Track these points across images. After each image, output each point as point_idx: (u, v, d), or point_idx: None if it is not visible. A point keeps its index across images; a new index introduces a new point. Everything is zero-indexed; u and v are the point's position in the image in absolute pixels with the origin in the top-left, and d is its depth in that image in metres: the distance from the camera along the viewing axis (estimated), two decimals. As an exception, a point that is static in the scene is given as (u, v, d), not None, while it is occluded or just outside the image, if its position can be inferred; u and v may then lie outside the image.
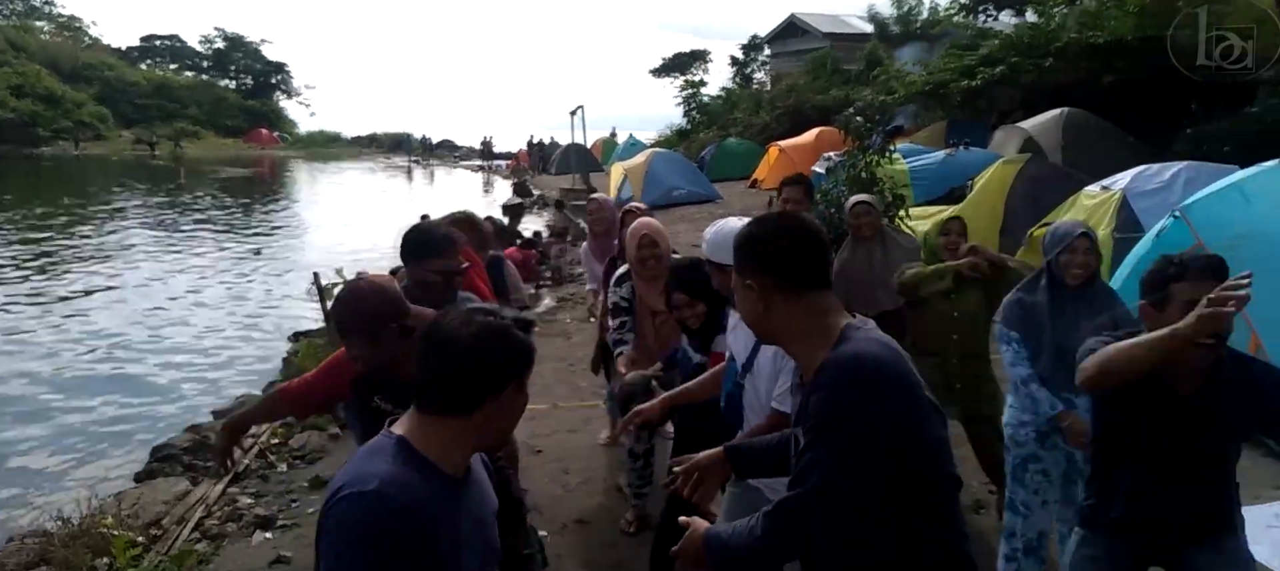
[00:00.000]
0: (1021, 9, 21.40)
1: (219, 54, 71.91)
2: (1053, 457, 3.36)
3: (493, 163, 44.95)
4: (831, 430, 1.59)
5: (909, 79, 19.26)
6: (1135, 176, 7.67)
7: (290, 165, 51.22)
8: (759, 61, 43.08)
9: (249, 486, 5.41)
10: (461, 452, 1.62)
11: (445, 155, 57.37)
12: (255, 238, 20.28)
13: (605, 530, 4.49)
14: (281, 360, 8.98)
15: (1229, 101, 12.65)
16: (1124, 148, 12.38)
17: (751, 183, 21.12)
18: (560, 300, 10.77)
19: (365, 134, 73.69)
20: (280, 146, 64.68)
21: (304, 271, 11.97)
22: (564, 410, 6.44)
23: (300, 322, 10.77)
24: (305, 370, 7.18)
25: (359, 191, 34.19)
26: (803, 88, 28.58)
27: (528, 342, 1.64)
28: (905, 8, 32.87)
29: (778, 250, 1.78)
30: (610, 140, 37.00)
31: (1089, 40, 15.05)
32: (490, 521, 1.74)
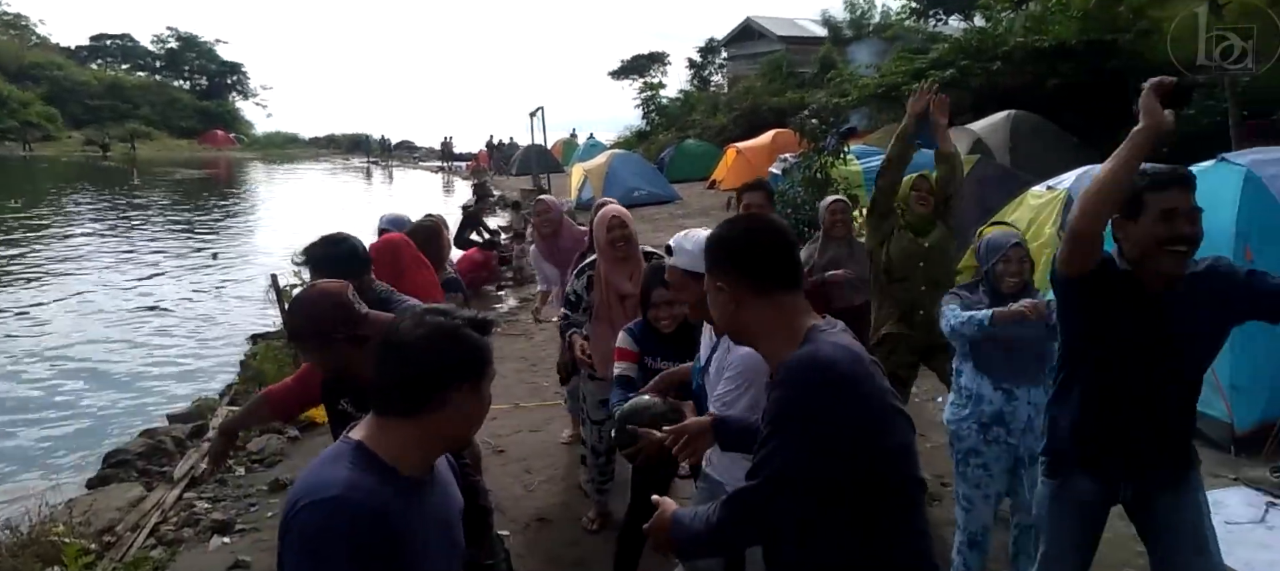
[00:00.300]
0: (969, 13, 21.85)
1: (172, 54, 70.49)
2: (994, 452, 3.40)
3: (452, 164, 44.62)
4: (785, 425, 1.65)
5: (862, 82, 19.58)
6: (1079, 176, 7.90)
7: (247, 167, 50.36)
8: (716, 64, 43.43)
9: (206, 490, 5.38)
10: (420, 454, 1.62)
11: (405, 156, 56.84)
12: (212, 240, 19.95)
13: (567, 528, 4.55)
14: (239, 363, 8.90)
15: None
16: (1068, 148, 12.74)
17: (710, 183, 21.33)
18: (521, 300, 10.80)
19: (323, 135, 72.79)
20: (236, 147, 63.61)
21: (262, 273, 11.85)
22: (526, 410, 6.49)
23: (258, 325, 10.66)
24: (264, 373, 7.24)
25: (317, 193, 33.73)
26: (759, 90, 28.91)
27: (481, 343, 1.63)
28: (857, 11, 33.44)
29: (747, 251, 1.84)
30: (571, 141, 37.05)
31: (1034, 44, 15.46)
32: (455, 522, 1.75)
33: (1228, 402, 4.92)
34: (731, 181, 19.36)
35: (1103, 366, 2.49)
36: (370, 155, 55.25)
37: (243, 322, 11.25)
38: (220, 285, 14.22)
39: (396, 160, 54.36)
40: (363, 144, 59.41)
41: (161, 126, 60.04)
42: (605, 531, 4.41)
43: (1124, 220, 2.40)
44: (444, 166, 44.77)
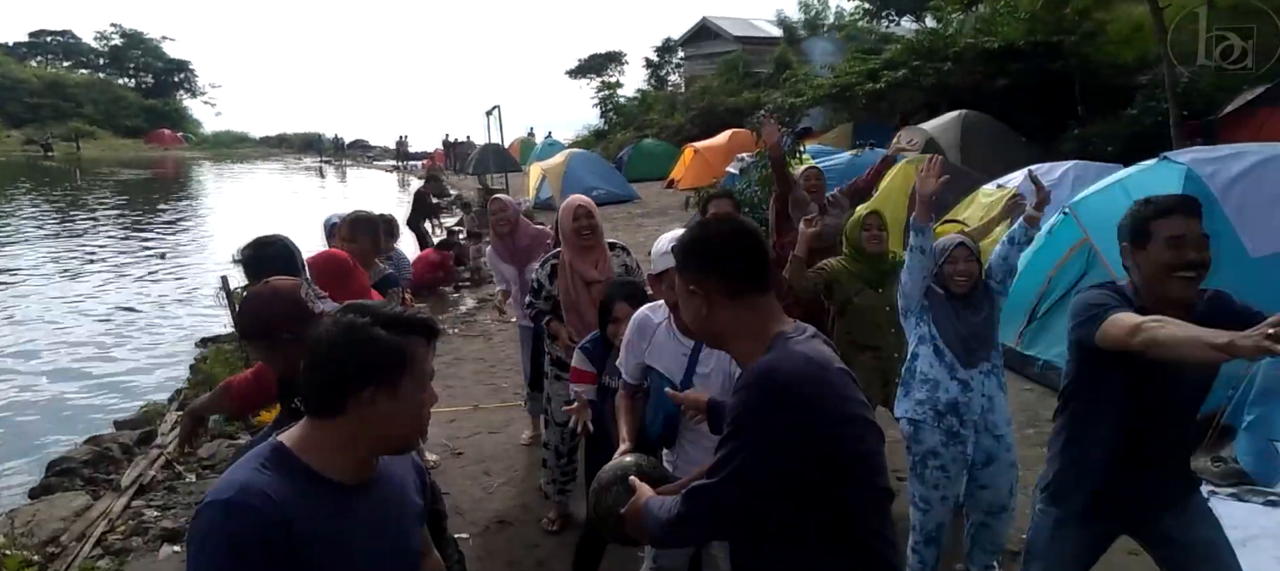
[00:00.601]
0: (920, 15, 22.23)
1: (116, 51, 68.67)
2: (951, 454, 3.45)
3: (407, 163, 44.15)
4: (743, 429, 1.68)
5: (816, 82, 19.82)
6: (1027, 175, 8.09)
7: (195, 166, 49.27)
8: (673, 63, 43.57)
9: (155, 498, 5.25)
10: (346, 457, 1.57)
11: (358, 155, 56.11)
12: (159, 241, 19.48)
13: (527, 529, 4.54)
14: (188, 367, 8.70)
15: (1110, 104, 13.47)
16: (1017, 147, 13.03)
17: (668, 183, 21.42)
18: (480, 301, 10.72)
19: (274, 134, 71.62)
20: (184, 147, 62.22)
21: (211, 275, 11.59)
22: (485, 411, 6.45)
23: (208, 327, 10.44)
24: (215, 377, 7.07)
25: (269, 193, 33.13)
26: (715, 90, 29.10)
27: (393, 344, 1.54)
28: (812, 12, 33.84)
29: (720, 254, 1.84)
30: (528, 140, 36.89)
31: (984, 45, 15.79)
32: (405, 529, 1.70)
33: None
34: (689, 181, 19.47)
35: (1118, 411, 2.45)
36: (323, 154, 54.44)
37: (192, 325, 11.00)
38: (168, 287, 13.88)
39: (350, 160, 53.67)
40: (315, 143, 58.50)
41: (105, 125, 58.42)
42: (566, 532, 4.41)
43: (1133, 248, 2.43)
44: (399, 166, 44.30)
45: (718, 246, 1.86)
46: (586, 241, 4.08)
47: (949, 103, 15.31)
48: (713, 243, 1.87)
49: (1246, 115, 10.65)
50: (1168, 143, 10.20)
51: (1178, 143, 10.14)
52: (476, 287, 11.65)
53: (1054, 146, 13.14)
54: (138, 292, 13.53)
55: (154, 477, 5.50)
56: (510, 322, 9.24)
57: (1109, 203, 6.16)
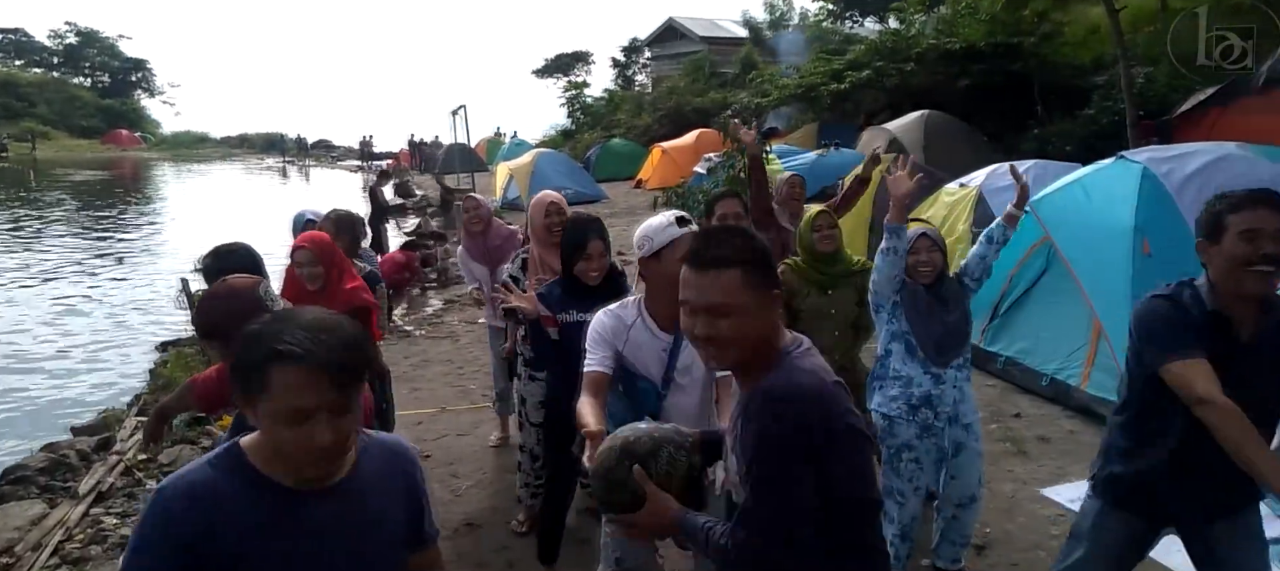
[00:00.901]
0: (884, 16, 22.48)
1: (71, 50, 67.09)
2: (925, 446, 3.51)
3: (372, 163, 43.73)
4: (786, 462, 1.64)
5: (782, 82, 19.95)
6: (989, 174, 8.22)
7: (154, 167, 48.31)
8: (639, 64, 43.62)
9: (114, 505, 5.14)
10: (282, 463, 1.53)
11: (322, 155, 55.42)
12: (117, 244, 19.08)
13: (496, 531, 4.51)
14: (148, 372, 8.53)
15: (1068, 104, 13.73)
16: (978, 147, 13.24)
17: (636, 183, 21.42)
18: (447, 302, 10.63)
19: (235, 134, 70.59)
20: (142, 147, 60.98)
21: (171, 278, 11.38)
22: (452, 413, 6.40)
23: (169, 331, 10.25)
24: (175, 380, 6.95)
25: (230, 193, 32.60)
26: (682, 90, 29.16)
27: (250, 361, 1.45)
28: (777, 13, 34.09)
29: (771, 263, 1.78)
30: (495, 140, 36.68)
31: (945, 46, 16.00)
32: (363, 542, 1.62)
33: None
34: (657, 181, 19.49)
35: (1180, 421, 2.36)
36: (286, 155, 53.69)
37: (152, 329, 10.79)
38: (127, 291, 13.61)
39: (313, 160, 52.99)
40: (278, 143, 57.67)
41: (60, 126, 57.02)
42: (534, 533, 4.39)
43: (1207, 244, 2.35)
44: (363, 166, 43.87)
45: (768, 253, 1.80)
46: (557, 237, 4.05)
47: (912, 103, 15.49)
48: (766, 251, 1.81)
49: (1198, 115, 10.91)
50: (1124, 142, 10.42)
51: (1134, 142, 10.37)
52: (443, 288, 11.57)
53: (1014, 146, 13.37)
54: (95, 296, 13.25)
55: (113, 484, 5.38)
56: (477, 323, 9.20)
57: (1068, 201, 6.29)
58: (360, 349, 1.52)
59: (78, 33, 67.24)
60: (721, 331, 1.72)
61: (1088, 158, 8.71)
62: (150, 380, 8.06)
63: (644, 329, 2.68)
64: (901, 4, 18.43)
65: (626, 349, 2.66)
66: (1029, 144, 13.05)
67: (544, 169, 19.22)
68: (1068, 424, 5.43)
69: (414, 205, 22.46)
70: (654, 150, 21.90)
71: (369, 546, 1.63)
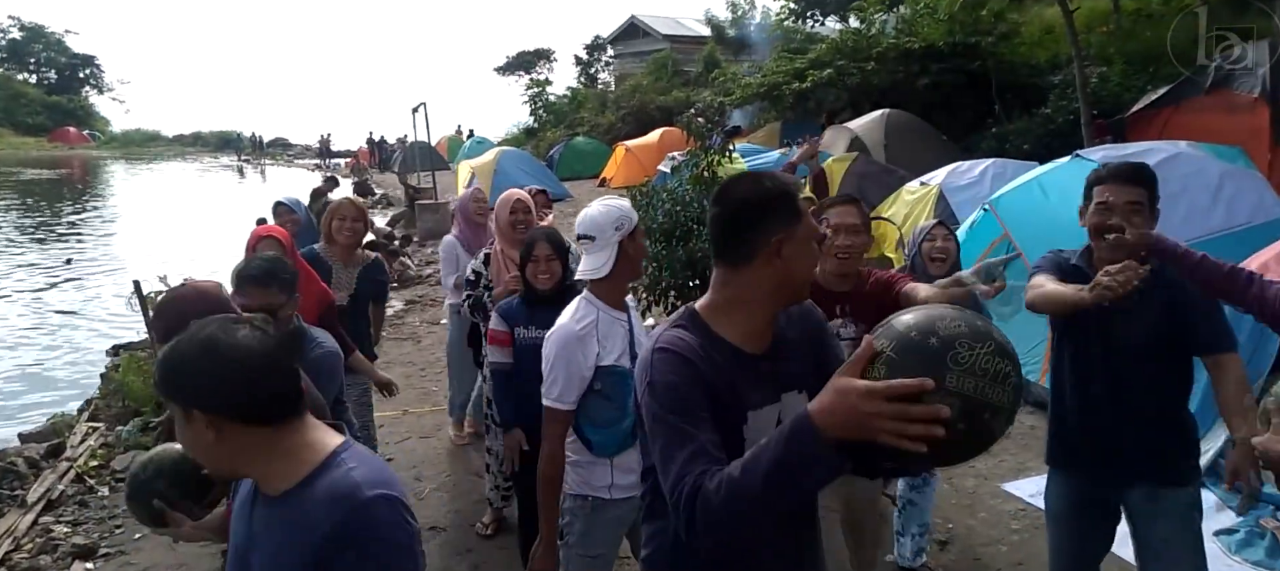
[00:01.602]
0: (845, 15, 22.70)
1: (15, 45, 65.37)
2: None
3: (330, 161, 43.14)
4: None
5: (744, 81, 20.03)
6: (950, 173, 8.33)
7: (105, 166, 47.16)
8: (603, 61, 43.53)
9: (66, 513, 5.00)
10: (247, 472, 1.58)
11: (279, 154, 54.54)
12: (66, 245, 18.57)
13: (461, 535, 4.47)
14: (99, 375, 8.31)
15: (1025, 104, 13.98)
16: (938, 146, 13.40)
17: (600, 181, 21.37)
18: (408, 302, 10.50)
19: (189, 132, 69.20)
20: (92, 145, 59.55)
21: (123, 279, 11.12)
22: (414, 415, 6.33)
23: (120, 335, 9.99)
24: (128, 386, 6.78)
25: (183, 193, 31.94)
26: (646, 88, 29.16)
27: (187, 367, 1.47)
28: (739, 12, 34.26)
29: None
30: (456, 138, 36.36)
31: (906, 46, 16.17)
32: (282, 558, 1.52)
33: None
34: (621, 179, 19.46)
35: (1063, 361, 2.70)
36: (241, 153, 52.78)
37: (103, 332, 10.52)
38: (78, 294, 13.25)
39: (269, 158, 52.15)
40: (233, 142, 56.70)
41: (5, 123, 55.59)
42: (500, 536, 4.37)
43: (1082, 211, 2.61)
44: (321, 164, 43.26)
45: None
46: (521, 234, 4.20)
47: (873, 102, 15.63)
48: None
49: (1151, 114, 11.16)
50: (1080, 141, 10.64)
51: (1089, 141, 10.58)
52: (404, 288, 11.43)
53: (974, 144, 13.56)
54: (44, 298, 12.89)
55: (63, 492, 5.24)
56: (439, 324, 9.10)
57: (1026, 198, 6.39)
58: (176, 368, 1.48)
59: (22, 27, 65.58)
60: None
61: (1045, 156, 8.86)
62: (102, 384, 7.85)
63: (609, 318, 2.70)
64: (862, 3, 18.60)
65: (603, 351, 2.65)
66: (988, 142, 13.25)
67: (507, 167, 19.10)
68: (1028, 419, 5.52)
69: (372, 205, 22.17)
70: (618, 148, 21.88)
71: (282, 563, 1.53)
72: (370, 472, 1.53)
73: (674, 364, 1.62)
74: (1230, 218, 5.66)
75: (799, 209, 1.70)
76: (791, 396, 1.77)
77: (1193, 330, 2.49)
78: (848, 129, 14.32)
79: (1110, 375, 2.56)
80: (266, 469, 1.52)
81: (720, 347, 1.69)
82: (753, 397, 1.70)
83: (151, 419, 6.17)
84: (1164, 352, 2.53)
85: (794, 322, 1.85)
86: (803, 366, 1.81)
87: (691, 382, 1.60)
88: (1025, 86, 14.56)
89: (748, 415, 1.69)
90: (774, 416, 1.72)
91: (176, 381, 1.48)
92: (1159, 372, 2.56)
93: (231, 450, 1.49)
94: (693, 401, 1.59)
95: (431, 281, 11.70)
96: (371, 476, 1.52)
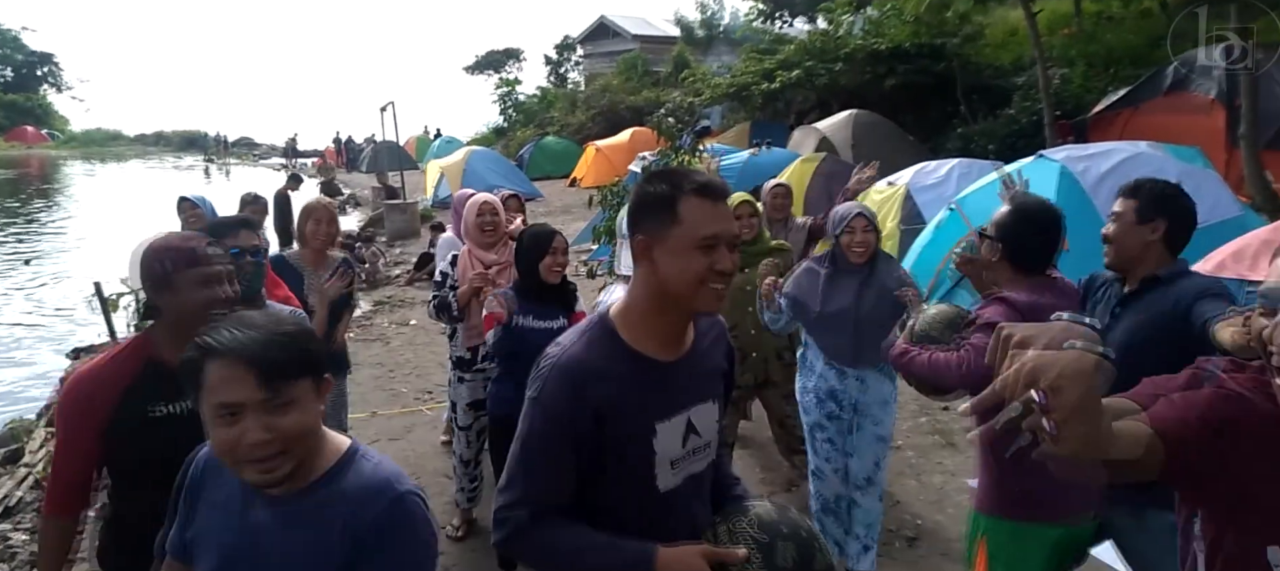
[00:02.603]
0: (813, 16, 22.85)
1: (-32, 43, 63.74)
2: (835, 427, 3.65)
3: (297, 161, 42.59)
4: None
5: (714, 81, 20.10)
6: (916, 173, 8.43)
7: (64, 166, 46.16)
8: (572, 61, 43.45)
9: (23, 521, 4.90)
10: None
11: (244, 153, 53.77)
12: (24, 246, 18.17)
13: (430, 535, 4.44)
14: (59, 379, 8.13)
15: (990, 104, 14.17)
16: (905, 146, 13.54)
17: (571, 181, 21.34)
18: (376, 304, 10.41)
19: (151, 131, 68.00)
20: (50, 144, 58.28)
21: (84, 281, 10.89)
22: (383, 417, 6.27)
23: (81, 337, 9.80)
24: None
25: (145, 193, 31.34)
26: (616, 88, 29.13)
27: (185, 364, 1.46)
28: (708, 12, 34.37)
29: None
30: (425, 137, 36.09)
31: (873, 47, 16.31)
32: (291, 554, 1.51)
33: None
34: (592, 179, 19.44)
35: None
36: (207, 153, 51.97)
37: (63, 335, 10.30)
38: (37, 297, 12.96)
39: (235, 158, 51.42)
40: (198, 141, 55.80)
41: (-42, 122, 54.27)
42: (470, 538, 4.35)
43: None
44: (287, 164, 42.73)
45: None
46: (489, 237, 4.25)
47: (841, 103, 15.76)
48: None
49: (1111, 116, 11.38)
50: (1043, 141, 10.82)
51: (1052, 141, 10.77)
52: (372, 290, 11.33)
53: (940, 144, 13.72)
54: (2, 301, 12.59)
55: (21, 499, 5.13)
56: (409, 325, 9.04)
57: (991, 198, 6.45)
58: (295, 345, 1.46)
59: (-24, 25, 64.02)
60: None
61: (1009, 156, 9.00)
62: (61, 388, 7.68)
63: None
64: (830, 5, 18.73)
65: None
66: (953, 142, 13.41)
67: (476, 167, 19.01)
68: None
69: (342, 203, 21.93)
70: (589, 148, 21.85)
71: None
72: (395, 469, 1.56)
73: (562, 394, 1.60)
74: (1188, 216, 5.78)
75: (676, 214, 1.60)
76: (703, 407, 1.75)
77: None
78: (816, 129, 14.42)
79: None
80: (311, 453, 1.51)
81: (626, 358, 1.66)
82: (660, 409, 1.67)
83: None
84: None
85: (707, 332, 1.81)
86: (712, 378, 1.79)
87: (568, 424, 1.60)
88: (990, 87, 14.77)
89: (656, 427, 1.66)
90: (682, 426, 1.70)
91: (306, 356, 1.48)
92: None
93: (317, 422, 1.52)
94: (565, 444, 1.62)
95: (400, 282, 11.61)
96: (399, 473, 1.55)
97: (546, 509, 1.62)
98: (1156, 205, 2.58)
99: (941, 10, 14.10)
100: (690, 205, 1.60)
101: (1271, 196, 8.31)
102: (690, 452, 1.73)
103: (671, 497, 1.71)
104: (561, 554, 1.61)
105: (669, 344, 1.70)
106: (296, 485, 1.50)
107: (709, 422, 1.76)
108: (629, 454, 1.64)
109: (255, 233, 2.96)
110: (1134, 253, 2.60)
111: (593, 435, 1.60)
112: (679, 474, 1.71)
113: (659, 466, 1.67)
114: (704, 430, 1.75)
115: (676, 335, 1.71)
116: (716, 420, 1.79)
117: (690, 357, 1.73)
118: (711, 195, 1.62)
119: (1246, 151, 8.59)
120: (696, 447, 1.74)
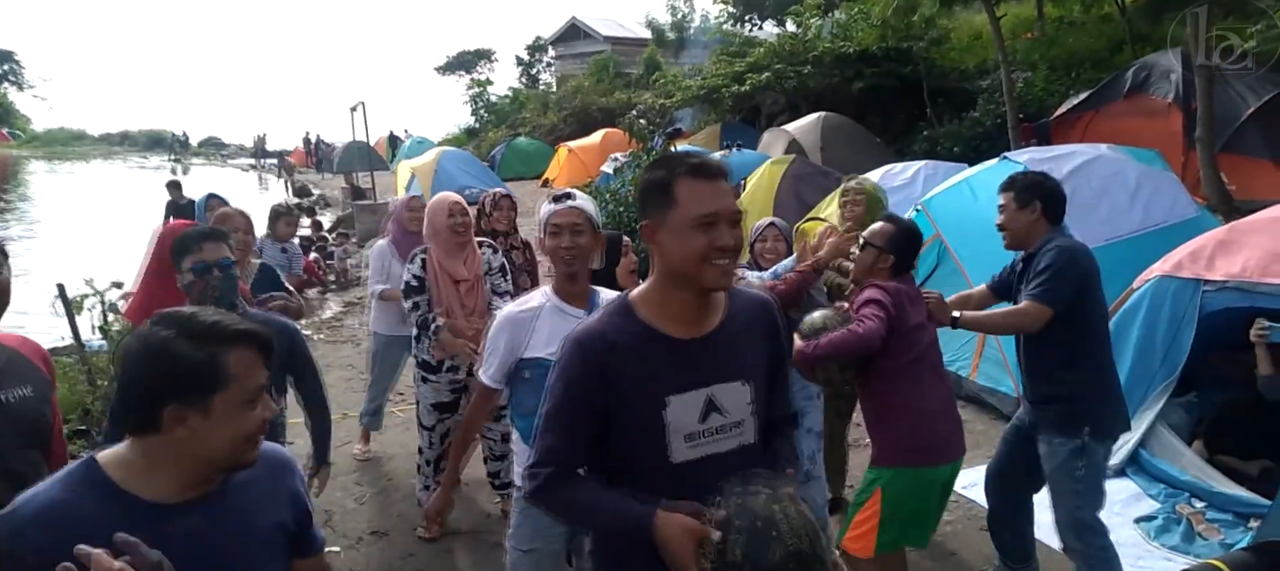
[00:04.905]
0: (782, 19, 23.03)
1: (-77, 39, 62.26)
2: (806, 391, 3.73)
3: (265, 161, 42.14)
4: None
5: (685, 83, 20.19)
6: (883, 175, 8.53)
7: (26, 166, 45.24)
8: (544, 63, 43.36)
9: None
10: (163, 476, 1.47)
11: (212, 154, 53.09)
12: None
13: (403, 538, 4.44)
14: (21, 386, 7.99)
15: (955, 107, 14.39)
16: (872, 148, 13.70)
17: (543, 182, 21.32)
18: (347, 305, 10.35)
19: (116, 131, 66.87)
20: (11, 144, 57.11)
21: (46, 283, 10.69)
22: (354, 419, 6.23)
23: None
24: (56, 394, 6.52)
25: (112, 194, 30.82)
26: (587, 89, 29.14)
27: (199, 358, 1.43)
28: (679, 15, 34.49)
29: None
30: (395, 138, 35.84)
31: (841, 50, 16.48)
32: (241, 550, 1.56)
33: (1015, 379, 5.48)
34: (564, 180, 19.44)
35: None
36: (172, 153, 51.21)
37: (25, 339, 10.09)
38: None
39: (202, 158, 50.75)
40: (164, 141, 54.97)
41: (-86, 121, 53.01)
42: (442, 538, 4.36)
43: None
44: (256, 164, 42.26)
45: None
46: (461, 239, 4.06)
47: (810, 105, 15.90)
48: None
49: (1073, 118, 11.61)
50: (1007, 143, 11.01)
51: (1016, 143, 10.96)
52: (343, 291, 11.26)
53: (906, 147, 13.90)
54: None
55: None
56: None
57: (957, 199, 6.59)
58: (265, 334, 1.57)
59: (-67, 21, 62.61)
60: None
61: (974, 158, 9.14)
62: (24, 393, 7.56)
63: (554, 312, 2.65)
64: (798, 8, 18.89)
65: (531, 343, 2.64)
66: (919, 145, 13.59)
67: (448, 168, 18.91)
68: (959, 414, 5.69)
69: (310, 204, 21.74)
70: (560, 149, 21.86)
71: (245, 552, 1.57)
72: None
73: (578, 361, 1.76)
74: (1147, 217, 5.94)
75: (673, 196, 1.71)
76: (728, 387, 1.79)
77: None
78: (785, 131, 14.55)
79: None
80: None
81: (640, 332, 1.76)
82: (674, 383, 1.75)
83: (78, 427, 5.97)
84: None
85: (745, 313, 1.86)
86: (746, 359, 1.83)
87: (585, 389, 1.75)
88: (955, 91, 14.98)
89: (667, 400, 1.74)
90: (700, 401, 1.76)
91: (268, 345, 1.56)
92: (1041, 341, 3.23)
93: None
94: (580, 409, 1.77)
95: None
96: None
97: (568, 466, 1.81)
98: (1030, 191, 3.17)
99: (908, 14, 14.28)
100: (685, 186, 1.71)
101: (1226, 198, 8.52)
102: (712, 430, 1.78)
103: (686, 471, 1.76)
104: (578, 506, 1.82)
105: (687, 322, 1.78)
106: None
107: (738, 403, 1.81)
108: (638, 421, 1.75)
109: (222, 243, 2.91)
110: (1022, 232, 3.22)
111: (604, 401, 1.74)
112: (696, 449, 1.77)
113: (671, 437, 1.75)
114: (731, 409, 1.80)
115: (693, 313, 1.79)
116: (749, 401, 1.82)
117: (715, 336, 1.79)
118: (706, 174, 1.73)
119: (1202, 154, 8.80)
120: (720, 426, 1.79)
